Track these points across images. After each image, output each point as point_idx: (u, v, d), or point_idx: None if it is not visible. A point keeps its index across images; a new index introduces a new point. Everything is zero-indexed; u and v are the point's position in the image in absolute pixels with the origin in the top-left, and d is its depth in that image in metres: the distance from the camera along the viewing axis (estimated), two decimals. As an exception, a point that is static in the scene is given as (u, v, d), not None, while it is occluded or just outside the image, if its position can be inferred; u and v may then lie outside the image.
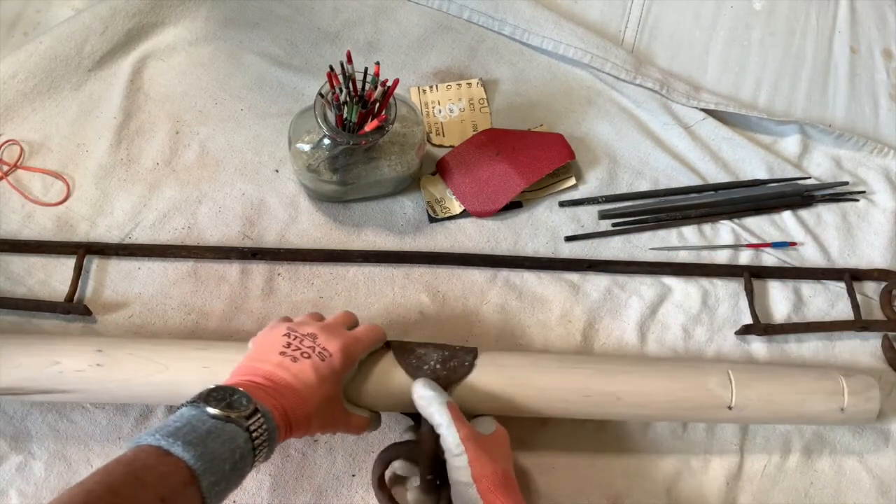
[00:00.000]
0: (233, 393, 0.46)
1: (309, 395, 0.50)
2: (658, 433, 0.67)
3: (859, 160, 0.83)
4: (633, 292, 0.73)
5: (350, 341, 0.54)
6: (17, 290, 0.66)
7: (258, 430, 0.45)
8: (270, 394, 0.48)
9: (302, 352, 0.52)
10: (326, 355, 0.52)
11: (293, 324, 0.54)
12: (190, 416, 0.44)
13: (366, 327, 0.58)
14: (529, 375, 0.60)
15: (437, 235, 0.73)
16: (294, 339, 0.52)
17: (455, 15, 0.85)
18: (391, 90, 0.61)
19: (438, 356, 0.58)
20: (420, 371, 0.58)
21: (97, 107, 0.74)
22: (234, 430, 0.44)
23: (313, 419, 0.50)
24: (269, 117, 0.76)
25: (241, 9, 0.82)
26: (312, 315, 0.58)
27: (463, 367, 0.58)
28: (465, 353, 0.59)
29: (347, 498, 0.62)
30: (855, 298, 0.73)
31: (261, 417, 0.45)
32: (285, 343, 0.52)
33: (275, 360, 0.51)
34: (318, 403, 0.50)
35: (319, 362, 0.51)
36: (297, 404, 0.49)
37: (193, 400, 0.45)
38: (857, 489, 0.67)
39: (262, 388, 0.48)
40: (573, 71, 0.84)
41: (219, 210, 0.71)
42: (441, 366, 0.58)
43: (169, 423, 0.43)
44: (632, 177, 0.79)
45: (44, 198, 0.70)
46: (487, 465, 0.51)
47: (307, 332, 0.53)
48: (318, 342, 0.53)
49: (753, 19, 0.93)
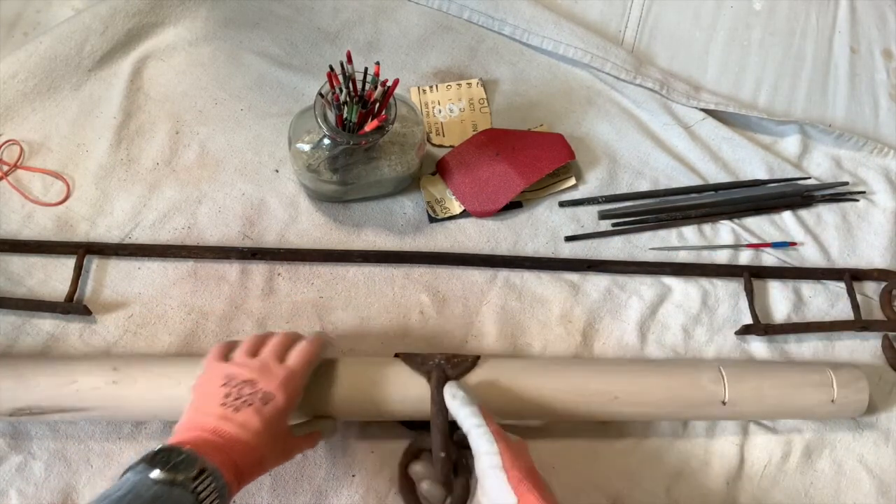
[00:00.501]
0: (178, 454, 0.45)
1: (258, 441, 0.49)
2: (658, 433, 0.67)
3: (859, 160, 0.83)
4: (633, 292, 0.73)
5: (289, 377, 0.53)
6: (17, 290, 0.66)
7: (205, 490, 0.44)
8: (219, 448, 0.47)
9: (243, 400, 0.51)
10: (269, 398, 0.51)
11: (230, 369, 0.53)
12: (134, 483, 0.43)
13: (301, 352, 0.56)
14: (527, 377, 0.61)
15: (437, 235, 0.73)
16: (233, 388, 0.51)
17: (455, 15, 0.85)
18: (391, 90, 0.61)
19: (442, 356, 0.61)
20: (426, 366, 0.60)
21: (97, 107, 0.74)
22: (180, 494, 0.43)
23: (266, 462, 0.51)
24: (269, 117, 0.76)
25: (241, 9, 0.82)
26: (251, 343, 0.56)
27: (466, 362, 0.61)
28: (467, 356, 0.62)
29: (347, 498, 0.62)
30: (855, 298, 0.73)
31: (208, 477, 0.45)
32: (224, 394, 0.51)
33: (217, 412, 0.50)
34: (268, 446, 0.51)
35: (262, 407, 0.51)
36: (247, 453, 0.49)
37: (137, 463, 0.45)
38: (857, 489, 0.67)
39: (209, 444, 0.48)
40: (573, 71, 0.84)
41: (219, 210, 0.71)
42: (446, 361, 0.61)
43: (111, 492, 0.42)
44: (632, 177, 0.79)
45: (44, 198, 0.70)
46: (518, 460, 0.51)
47: (245, 380, 0.52)
48: (258, 387, 0.52)
49: (753, 19, 0.93)
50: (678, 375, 0.63)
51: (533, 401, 0.61)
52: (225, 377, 0.52)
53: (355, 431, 0.64)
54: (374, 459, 0.63)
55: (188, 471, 0.44)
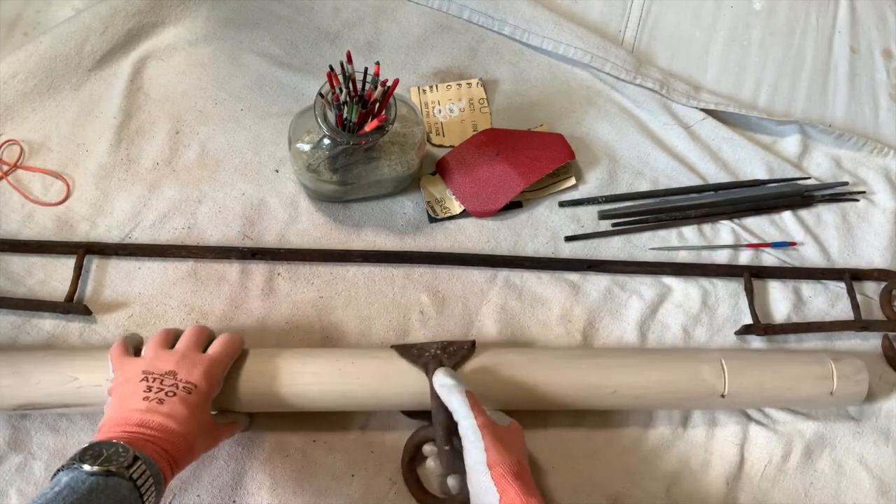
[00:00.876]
0: (109, 446, 0.46)
1: (185, 429, 0.50)
2: (658, 433, 0.67)
3: (859, 160, 0.83)
4: (633, 292, 0.73)
5: (210, 365, 0.54)
6: (17, 290, 0.66)
7: (141, 476, 0.45)
8: (148, 439, 0.48)
9: (166, 391, 0.51)
10: (192, 387, 0.52)
11: (147, 364, 0.53)
12: (68, 480, 0.43)
13: (221, 341, 0.57)
14: (526, 368, 0.61)
15: (437, 235, 0.73)
16: (154, 382, 0.52)
17: (455, 15, 0.85)
18: (391, 90, 0.61)
19: (438, 345, 0.61)
20: (423, 358, 0.60)
21: (97, 107, 0.74)
22: (116, 482, 0.44)
23: (195, 448, 0.52)
24: (269, 117, 0.76)
25: (241, 9, 0.82)
26: (162, 338, 0.56)
27: (462, 350, 0.61)
28: (463, 342, 0.62)
29: (347, 498, 0.62)
30: (855, 298, 0.73)
31: (142, 464, 0.45)
32: (146, 388, 0.51)
33: (141, 406, 0.50)
34: (196, 433, 0.51)
35: (187, 396, 0.52)
36: (177, 442, 0.50)
37: (68, 462, 0.45)
38: (857, 489, 0.67)
39: (138, 436, 0.48)
40: (573, 71, 0.84)
41: (219, 210, 0.71)
42: (441, 351, 0.61)
43: (46, 491, 0.43)
44: (632, 177, 0.79)
45: (44, 198, 0.70)
46: (503, 454, 0.51)
47: (165, 371, 0.53)
48: (179, 378, 0.52)
49: (753, 19, 0.93)
50: (678, 370, 0.63)
51: (529, 390, 0.61)
52: (143, 373, 0.53)
53: (355, 431, 0.64)
54: (374, 459, 0.63)
55: (122, 460, 0.45)
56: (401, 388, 0.59)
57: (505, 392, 0.61)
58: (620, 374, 0.62)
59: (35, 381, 0.57)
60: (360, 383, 0.59)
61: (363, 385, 0.59)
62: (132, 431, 0.49)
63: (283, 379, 0.58)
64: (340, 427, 0.64)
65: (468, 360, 0.61)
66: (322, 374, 0.59)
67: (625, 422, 0.67)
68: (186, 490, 0.60)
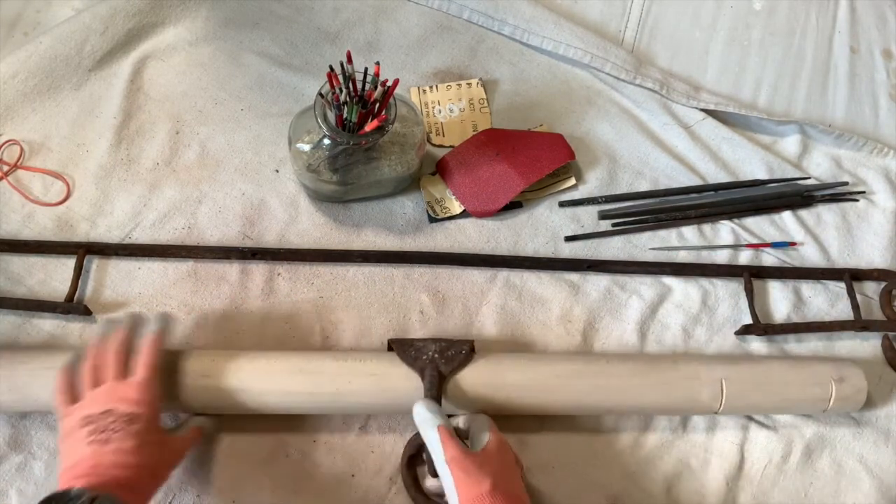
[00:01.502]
0: (65, 494, 0.46)
1: (139, 459, 0.51)
2: (658, 433, 0.67)
3: (859, 160, 0.83)
4: (633, 292, 0.73)
5: (140, 389, 0.54)
6: (17, 290, 0.66)
7: None
8: (104, 478, 0.48)
9: (109, 430, 0.51)
10: (132, 417, 0.52)
11: (85, 409, 0.53)
12: None
13: (143, 362, 0.56)
14: (524, 379, 0.61)
15: (437, 235, 0.73)
16: (95, 424, 0.52)
17: (455, 15, 0.85)
18: (391, 90, 0.61)
19: (436, 347, 0.61)
20: (420, 361, 0.60)
21: (97, 107, 0.74)
22: None
23: (158, 471, 0.52)
24: (269, 117, 0.76)
25: (241, 9, 0.82)
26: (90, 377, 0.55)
27: (460, 355, 0.60)
28: (462, 343, 0.62)
29: (347, 498, 0.62)
30: (855, 298, 0.73)
31: (105, 499, 0.46)
32: (88, 433, 0.51)
33: (88, 451, 0.50)
34: (153, 457, 0.52)
35: (130, 426, 0.52)
36: (136, 471, 0.50)
37: None
38: (857, 489, 0.67)
39: (94, 479, 0.48)
40: (573, 71, 0.84)
41: (219, 210, 0.71)
42: (439, 355, 0.60)
43: None
44: (632, 177, 0.79)
45: (44, 198, 0.70)
46: (474, 487, 0.50)
47: (101, 412, 0.52)
48: (117, 413, 0.52)
49: (753, 19, 0.93)
50: (677, 390, 0.63)
51: (527, 400, 0.61)
52: (81, 419, 0.53)
53: (355, 431, 0.64)
54: (374, 459, 0.63)
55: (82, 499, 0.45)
56: (397, 393, 0.59)
57: (501, 399, 0.60)
58: (618, 392, 0.62)
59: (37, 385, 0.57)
60: (356, 394, 0.59)
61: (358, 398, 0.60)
62: (88, 475, 0.49)
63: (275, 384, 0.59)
64: (340, 427, 0.64)
65: (466, 366, 0.60)
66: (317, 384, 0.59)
67: (625, 423, 0.67)
68: (186, 490, 0.60)
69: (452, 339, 0.62)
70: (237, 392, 0.58)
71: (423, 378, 0.59)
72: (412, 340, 0.62)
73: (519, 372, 0.61)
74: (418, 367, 0.59)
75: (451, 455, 0.52)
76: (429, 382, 0.58)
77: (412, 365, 0.60)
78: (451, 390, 0.60)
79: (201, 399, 0.59)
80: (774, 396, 0.64)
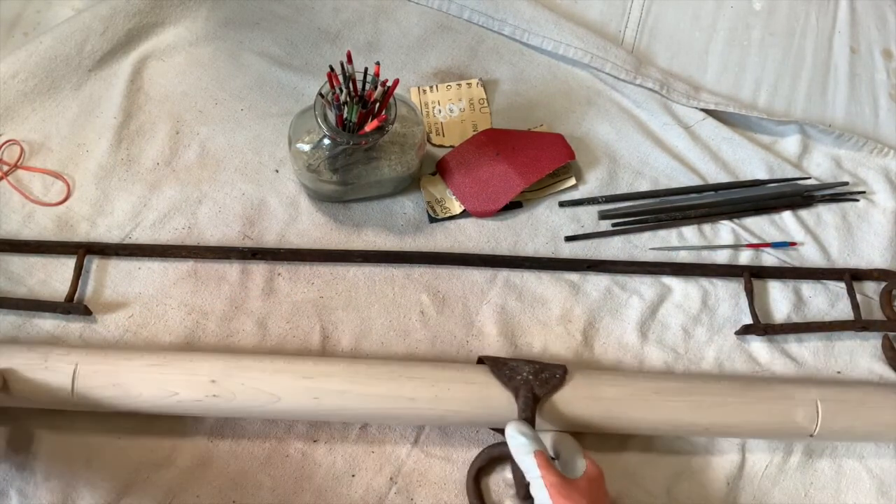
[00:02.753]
0: None
1: None
2: (658, 433, 0.67)
3: (859, 160, 0.83)
4: (633, 292, 0.73)
5: None
6: (17, 290, 0.66)
7: None
8: None
9: None
10: None
11: None
12: None
13: None
14: (620, 400, 0.61)
15: (437, 235, 0.73)
16: None
17: (455, 15, 0.85)
18: (391, 90, 0.61)
19: (530, 368, 0.60)
20: (514, 381, 0.59)
21: (97, 107, 0.74)
22: None
23: None
24: (269, 117, 0.76)
25: (241, 9, 0.82)
26: None
27: (554, 378, 0.60)
28: (555, 367, 0.61)
29: (347, 498, 0.62)
30: (855, 298, 0.73)
31: None
32: None
33: None
34: None
35: None
36: None
37: None
38: (857, 489, 0.67)
39: None
40: (573, 71, 0.84)
41: (219, 210, 0.72)
42: (534, 377, 0.60)
43: None
44: (632, 177, 0.79)
45: (44, 198, 0.70)
46: None
47: None
48: None
49: (753, 19, 0.93)
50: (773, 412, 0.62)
51: (619, 422, 0.61)
52: None
53: (355, 431, 0.64)
54: (374, 459, 0.63)
55: None
56: (489, 409, 0.59)
57: (593, 420, 0.61)
58: (716, 415, 0.62)
59: (136, 394, 0.57)
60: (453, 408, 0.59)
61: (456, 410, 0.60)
62: None
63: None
64: (340, 427, 0.64)
65: (559, 389, 0.60)
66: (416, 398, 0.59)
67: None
68: (186, 490, 0.60)
69: (545, 362, 0.62)
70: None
71: (518, 398, 0.58)
72: (505, 360, 0.61)
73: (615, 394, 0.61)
74: (513, 387, 0.59)
75: (551, 482, 0.52)
76: (523, 403, 0.58)
77: (506, 384, 0.59)
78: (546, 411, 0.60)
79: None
80: (866, 418, 0.63)
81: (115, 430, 0.62)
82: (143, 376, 0.58)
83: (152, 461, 0.61)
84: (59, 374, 0.57)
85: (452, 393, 0.59)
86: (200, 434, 0.63)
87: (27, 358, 0.57)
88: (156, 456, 0.61)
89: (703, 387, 0.63)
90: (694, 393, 0.62)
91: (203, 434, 0.63)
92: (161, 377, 0.58)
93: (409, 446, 0.64)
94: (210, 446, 0.62)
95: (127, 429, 0.62)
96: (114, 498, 0.60)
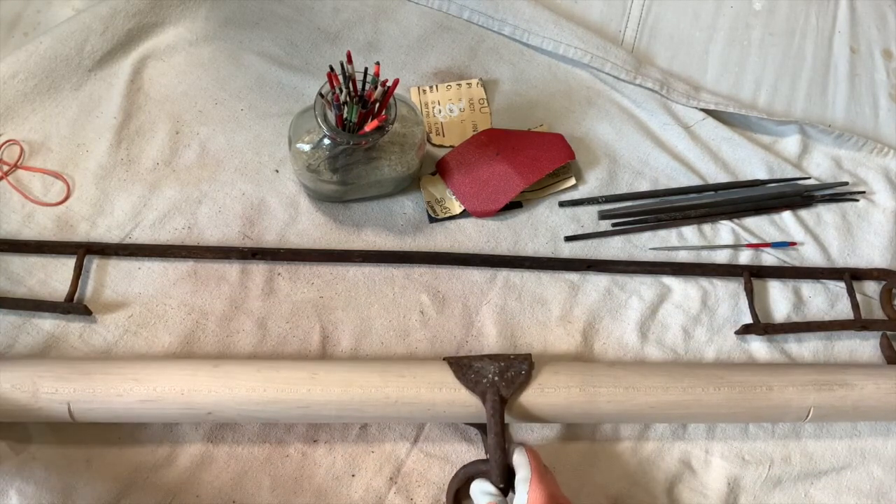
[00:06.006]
0: None
1: None
2: (659, 433, 0.67)
3: (859, 160, 0.83)
4: (632, 292, 0.73)
5: None
6: (17, 290, 0.66)
7: None
8: None
9: None
10: None
11: None
12: None
13: None
14: (595, 392, 0.60)
15: (437, 235, 0.73)
16: None
17: (455, 15, 0.85)
18: (391, 90, 0.61)
19: (495, 368, 0.59)
20: (480, 385, 0.58)
21: (97, 107, 0.74)
22: None
23: None
24: (269, 117, 0.76)
25: (241, 9, 0.82)
26: None
27: (520, 376, 0.59)
28: (520, 361, 0.60)
29: (347, 498, 0.62)
30: (855, 298, 0.73)
31: None
32: None
33: None
34: None
35: None
36: None
37: None
38: (858, 489, 0.67)
39: None
40: (573, 71, 0.84)
41: (219, 210, 0.72)
42: (499, 377, 0.59)
43: None
44: (632, 177, 0.79)
45: (44, 198, 0.70)
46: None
47: None
48: None
49: (753, 19, 0.93)
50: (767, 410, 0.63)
51: (588, 414, 0.61)
52: None
53: (355, 431, 0.64)
54: (374, 459, 0.63)
55: None
56: (452, 407, 0.59)
57: (560, 414, 0.61)
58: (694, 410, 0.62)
59: (137, 424, 0.59)
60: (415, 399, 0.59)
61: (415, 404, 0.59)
62: None
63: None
64: (340, 427, 0.64)
65: (527, 387, 0.59)
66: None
67: (625, 422, 0.67)
68: (186, 490, 0.60)
69: (510, 355, 0.61)
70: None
71: (485, 403, 0.58)
72: (470, 360, 0.60)
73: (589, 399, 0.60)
74: (479, 392, 0.58)
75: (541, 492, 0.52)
76: (491, 407, 0.57)
77: (473, 389, 0.58)
78: (515, 410, 0.59)
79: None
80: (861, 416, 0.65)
81: (115, 430, 0.62)
82: (140, 413, 0.58)
83: (152, 461, 0.61)
84: (53, 412, 0.57)
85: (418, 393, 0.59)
86: (200, 434, 0.63)
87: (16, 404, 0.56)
88: (156, 456, 0.61)
89: (675, 370, 0.63)
90: (661, 374, 0.62)
91: (203, 434, 0.63)
92: (158, 413, 0.58)
93: (408, 446, 0.64)
94: (210, 446, 0.62)
95: (127, 429, 0.62)
96: (113, 498, 0.60)
